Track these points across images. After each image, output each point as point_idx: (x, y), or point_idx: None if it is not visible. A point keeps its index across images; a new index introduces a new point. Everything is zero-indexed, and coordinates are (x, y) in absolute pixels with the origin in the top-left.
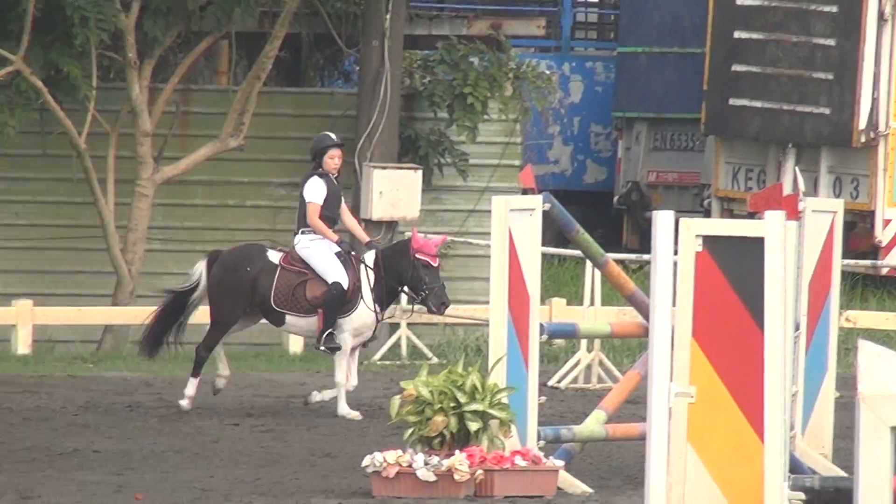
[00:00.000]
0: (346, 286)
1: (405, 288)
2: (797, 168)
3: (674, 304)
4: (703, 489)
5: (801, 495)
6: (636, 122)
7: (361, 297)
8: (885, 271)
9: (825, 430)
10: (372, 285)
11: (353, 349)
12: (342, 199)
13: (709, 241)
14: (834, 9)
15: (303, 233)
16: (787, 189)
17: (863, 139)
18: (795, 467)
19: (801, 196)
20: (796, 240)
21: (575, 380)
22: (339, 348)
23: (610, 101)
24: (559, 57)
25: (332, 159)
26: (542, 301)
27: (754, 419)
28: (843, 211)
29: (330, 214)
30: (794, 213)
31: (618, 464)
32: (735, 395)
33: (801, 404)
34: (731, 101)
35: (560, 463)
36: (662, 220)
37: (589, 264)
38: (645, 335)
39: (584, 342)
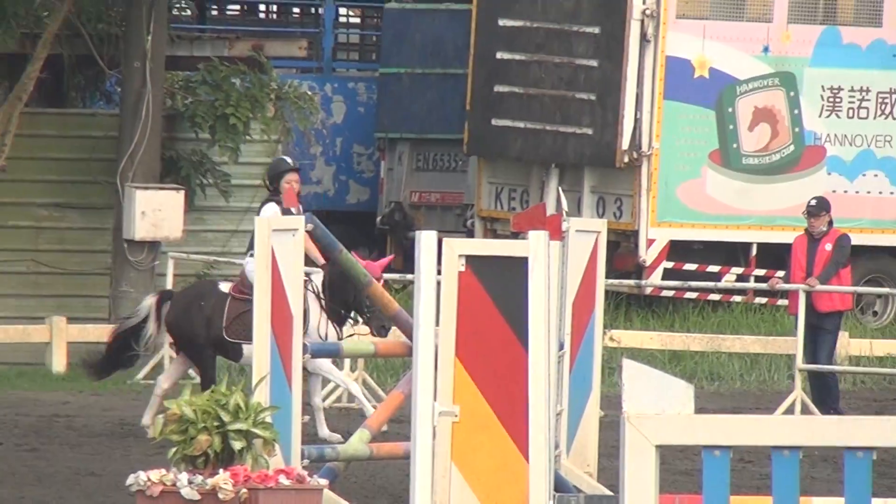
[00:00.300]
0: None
1: (351, 311)
2: (560, 188)
3: (437, 324)
4: None
5: None
6: (398, 143)
7: (308, 321)
8: (648, 291)
9: (590, 448)
10: (323, 307)
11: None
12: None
13: (472, 260)
14: (596, 30)
15: (251, 255)
16: (550, 209)
17: (626, 159)
18: (560, 486)
19: (565, 216)
20: (560, 259)
21: (339, 399)
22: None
23: (372, 122)
24: (321, 78)
25: (290, 184)
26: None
27: (519, 438)
28: (607, 231)
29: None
30: (558, 233)
31: (382, 483)
32: (499, 414)
33: (565, 423)
34: (494, 122)
35: (324, 482)
36: (425, 241)
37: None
38: (409, 354)
39: (347, 361)
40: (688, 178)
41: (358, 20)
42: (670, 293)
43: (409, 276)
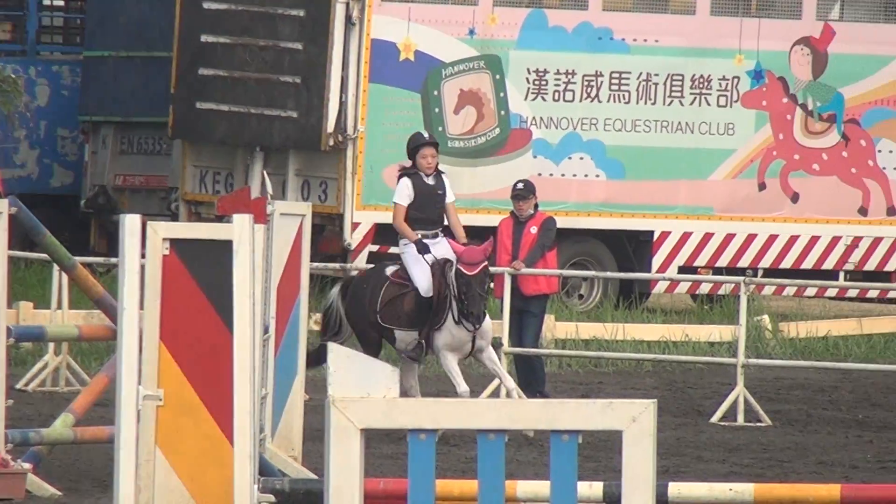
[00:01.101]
0: (424, 293)
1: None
2: (265, 171)
3: (142, 308)
4: (172, 493)
5: (272, 497)
6: (103, 126)
7: (450, 308)
8: (354, 273)
9: (295, 432)
10: (456, 295)
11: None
12: (445, 196)
13: (177, 244)
14: (301, 13)
15: (404, 243)
16: (255, 192)
17: (331, 142)
18: (265, 470)
19: (270, 199)
20: (265, 243)
21: (43, 383)
22: (415, 360)
23: (77, 105)
24: (25, 61)
25: (425, 158)
26: (10, 304)
27: (224, 422)
28: (312, 214)
29: (422, 215)
30: (262, 217)
31: (87, 467)
32: (204, 398)
33: (270, 407)
34: (199, 105)
35: (28, 466)
36: (129, 224)
37: (56, 268)
38: (114, 338)
39: (51, 345)
40: (393, 161)
41: (62, 3)
42: None
43: (114, 260)
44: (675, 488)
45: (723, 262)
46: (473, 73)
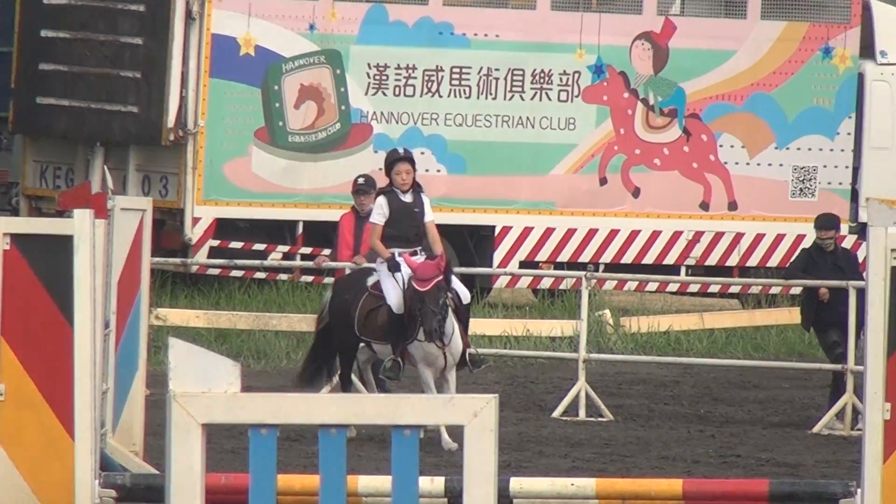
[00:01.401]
0: (395, 310)
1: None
2: (106, 166)
3: None
4: (14, 488)
5: (113, 492)
6: None
7: (420, 324)
8: (194, 269)
9: (136, 427)
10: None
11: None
12: (423, 214)
13: (17, 239)
14: (141, 8)
15: (380, 261)
16: (95, 187)
17: (171, 137)
18: (107, 464)
19: (110, 194)
20: (105, 238)
21: None
22: (393, 378)
23: None
24: None
25: (399, 174)
26: None
27: (64, 417)
28: (153, 209)
29: (397, 233)
30: (103, 212)
31: None
32: (45, 393)
33: (111, 402)
34: (39, 100)
35: None
36: None
37: None
38: None
39: None
40: (234, 156)
41: None
42: (216, 271)
43: None
44: (517, 483)
45: (564, 256)
46: (314, 68)
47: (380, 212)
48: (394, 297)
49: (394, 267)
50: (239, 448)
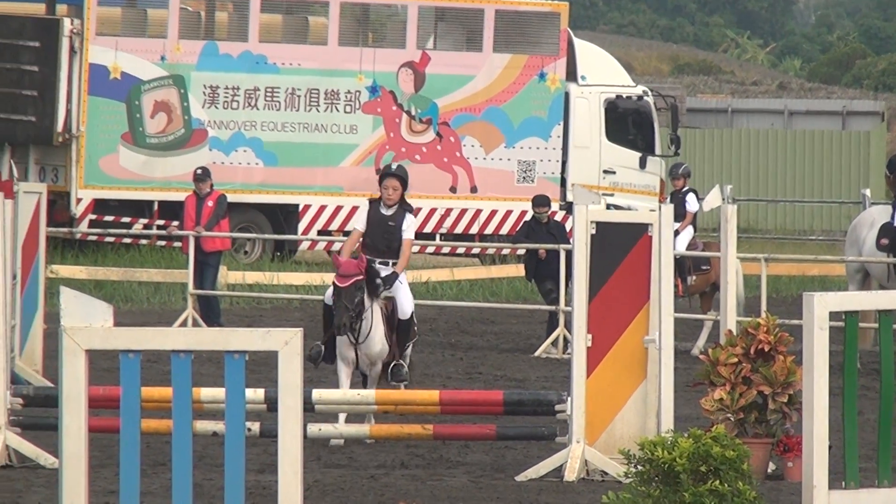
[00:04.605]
0: (326, 300)
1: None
2: (12, 161)
3: None
4: None
5: (20, 400)
6: None
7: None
8: (78, 236)
9: (37, 353)
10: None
11: (367, 377)
12: (399, 231)
13: None
14: (37, 44)
15: None
16: (4, 176)
17: (60, 139)
18: (16, 380)
19: (16, 181)
20: (13, 213)
21: None
22: (311, 362)
23: None
24: None
25: (386, 189)
26: None
27: None
28: (48, 192)
29: (371, 243)
30: (10, 194)
31: None
32: None
33: (18, 333)
34: None
35: None
36: None
37: None
38: None
39: None
40: (107, 152)
41: None
42: (94, 238)
43: None
44: (317, 393)
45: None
46: (164, 88)
47: (358, 218)
48: (329, 292)
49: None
50: (113, 367)
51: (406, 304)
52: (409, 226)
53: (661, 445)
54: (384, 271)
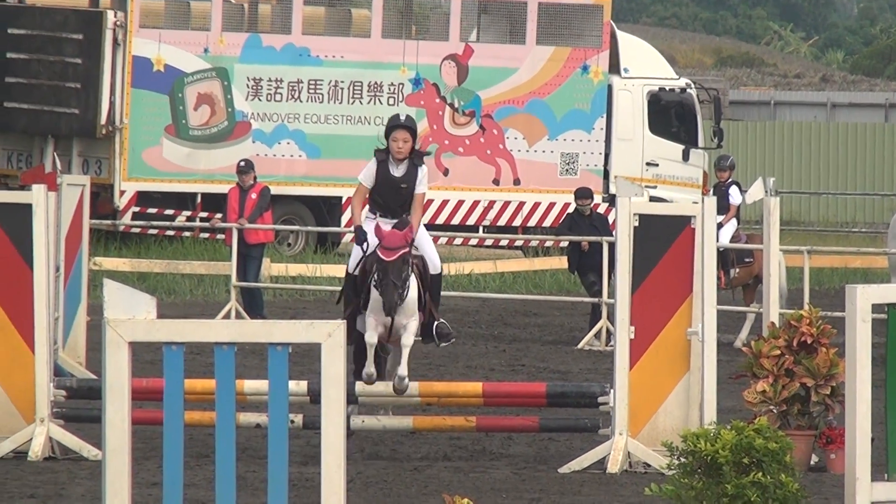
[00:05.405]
0: (350, 269)
1: None
2: (56, 153)
3: None
4: None
5: (63, 392)
6: None
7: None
8: (121, 228)
9: (80, 344)
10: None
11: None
12: (410, 188)
13: None
14: (80, 36)
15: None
16: (48, 168)
17: (104, 131)
18: (59, 372)
19: (59, 174)
20: (56, 205)
21: None
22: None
23: None
24: None
25: (396, 142)
26: None
27: (27, 337)
28: (90, 184)
29: (381, 202)
30: (54, 186)
31: None
32: (13, 319)
33: (62, 326)
34: (6, 104)
35: None
36: None
37: None
38: None
39: None
40: (150, 145)
41: None
42: (138, 230)
43: None
44: (360, 385)
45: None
46: (208, 81)
47: (367, 173)
48: (353, 259)
49: (359, 238)
50: (156, 360)
51: (435, 258)
52: (422, 180)
53: (703, 437)
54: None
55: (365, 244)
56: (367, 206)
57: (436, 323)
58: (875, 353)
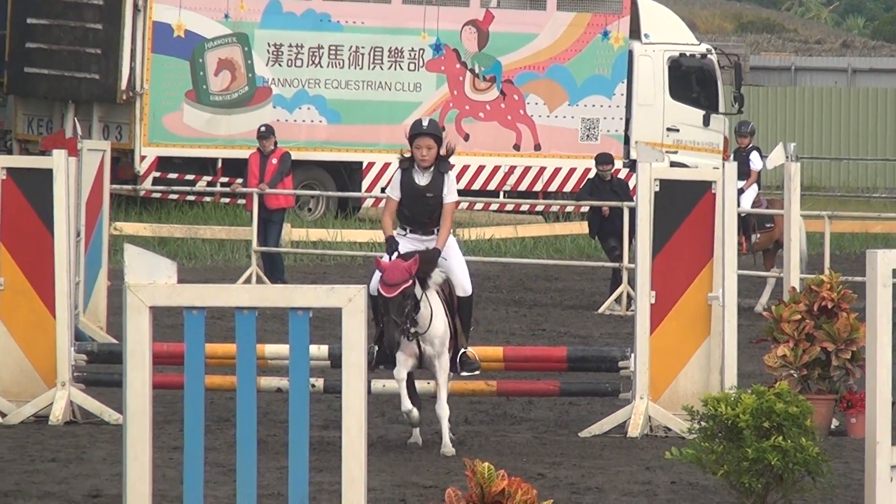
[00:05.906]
0: (371, 291)
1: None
2: (76, 118)
3: None
4: (12, 354)
5: (84, 357)
6: None
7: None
8: (142, 194)
9: (101, 309)
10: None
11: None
12: (437, 198)
13: (12, 171)
14: (101, 1)
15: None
16: (68, 134)
17: (124, 97)
18: (80, 336)
19: (80, 139)
20: (76, 171)
21: None
22: (370, 369)
23: None
24: None
25: (419, 150)
26: None
27: (48, 301)
28: (111, 150)
29: (410, 215)
30: (75, 151)
31: None
32: (34, 283)
33: (82, 290)
34: (27, 70)
35: None
36: None
37: None
38: None
39: None
40: (170, 110)
41: None
42: (158, 195)
43: None
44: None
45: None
46: (228, 46)
47: (393, 187)
48: (374, 280)
49: (390, 248)
50: (177, 324)
51: (464, 279)
52: (451, 188)
53: (724, 401)
54: (422, 247)
55: (395, 254)
56: (398, 221)
57: (462, 351)
58: None
